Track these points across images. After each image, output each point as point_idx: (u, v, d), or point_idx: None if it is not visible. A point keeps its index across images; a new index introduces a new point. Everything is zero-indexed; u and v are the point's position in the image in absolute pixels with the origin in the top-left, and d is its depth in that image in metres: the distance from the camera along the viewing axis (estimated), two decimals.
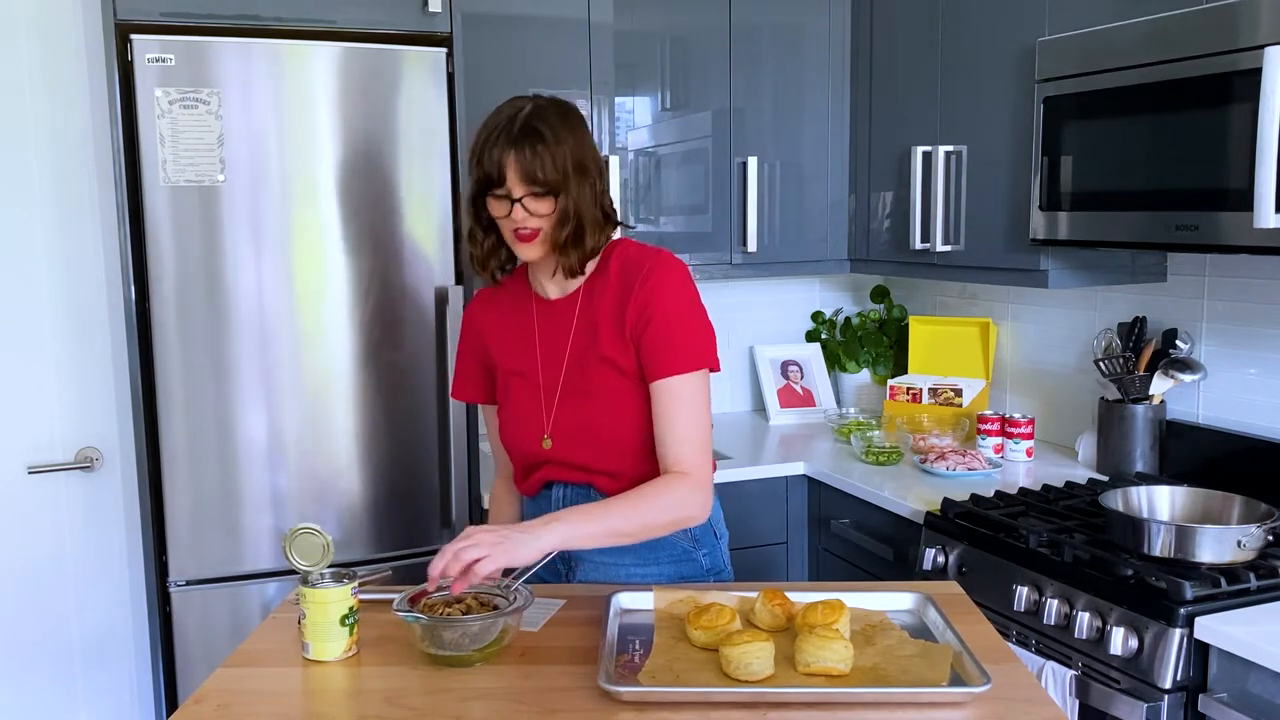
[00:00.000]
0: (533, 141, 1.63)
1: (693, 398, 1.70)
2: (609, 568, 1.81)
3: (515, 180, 1.64)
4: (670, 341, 1.70)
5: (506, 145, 1.64)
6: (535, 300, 1.82)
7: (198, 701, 1.39)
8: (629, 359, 1.73)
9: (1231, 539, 1.91)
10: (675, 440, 1.69)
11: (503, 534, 1.53)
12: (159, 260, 2.35)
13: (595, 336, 1.74)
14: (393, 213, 2.50)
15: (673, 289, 1.71)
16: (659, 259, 1.74)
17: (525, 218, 1.66)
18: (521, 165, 1.63)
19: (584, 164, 1.68)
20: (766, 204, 3.19)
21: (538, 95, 1.72)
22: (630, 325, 1.71)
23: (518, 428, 1.81)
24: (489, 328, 1.86)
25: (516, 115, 1.66)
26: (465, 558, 1.48)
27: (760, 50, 3.14)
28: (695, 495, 1.68)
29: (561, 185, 1.65)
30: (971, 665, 1.39)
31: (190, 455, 2.40)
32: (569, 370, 1.77)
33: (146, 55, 2.28)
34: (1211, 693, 1.79)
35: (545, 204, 1.66)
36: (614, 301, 1.74)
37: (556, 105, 1.70)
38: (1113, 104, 2.21)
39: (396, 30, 2.49)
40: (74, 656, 2.75)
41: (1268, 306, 2.39)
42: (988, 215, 2.71)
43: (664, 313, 1.70)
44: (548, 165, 1.63)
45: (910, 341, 3.34)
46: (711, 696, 1.36)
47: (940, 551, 2.32)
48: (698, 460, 1.70)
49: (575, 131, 1.69)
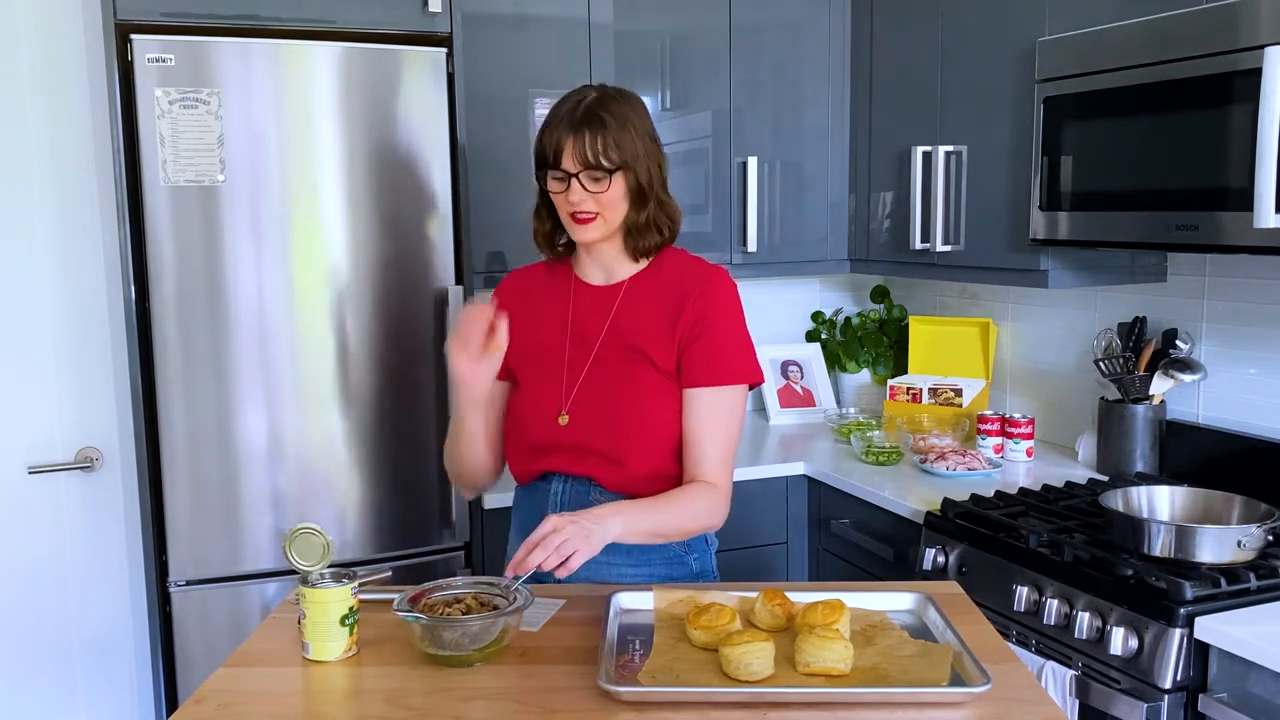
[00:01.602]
0: (595, 126, 1.69)
1: (732, 411, 1.77)
2: (602, 566, 1.80)
3: (571, 158, 1.69)
4: (722, 353, 1.75)
5: (568, 129, 1.70)
6: (575, 282, 1.85)
7: (198, 701, 1.39)
8: (667, 359, 1.76)
9: (1231, 539, 1.91)
10: (710, 450, 1.75)
11: (584, 526, 1.57)
12: (159, 260, 2.35)
13: (635, 328, 1.78)
14: (393, 213, 2.50)
15: (730, 304, 1.79)
16: (719, 272, 1.81)
17: (583, 198, 1.71)
18: (580, 146, 1.69)
19: (651, 148, 1.75)
20: (766, 204, 3.19)
21: (603, 85, 1.79)
22: (683, 330, 1.75)
23: (535, 402, 1.81)
24: (517, 303, 1.84)
25: (582, 100, 1.72)
26: (565, 551, 1.52)
27: (760, 50, 3.14)
28: (720, 508, 1.76)
29: (628, 164, 1.71)
30: (971, 665, 1.39)
31: (190, 455, 2.40)
32: (600, 353, 1.79)
33: (146, 55, 2.28)
34: (1211, 693, 1.79)
35: (603, 183, 1.70)
36: (666, 301, 1.78)
37: (622, 94, 1.77)
38: (1113, 104, 2.21)
39: (396, 30, 2.49)
40: (74, 656, 2.75)
41: (1268, 306, 2.39)
42: (988, 215, 2.71)
43: (721, 325, 1.76)
44: (610, 147, 1.69)
45: (910, 341, 3.34)
46: (711, 696, 1.35)
47: (940, 551, 2.32)
48: (726, 473, 1.77)
49: (639, 117, 1.75)
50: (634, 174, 1.72)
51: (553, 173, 1.72)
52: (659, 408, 1.76)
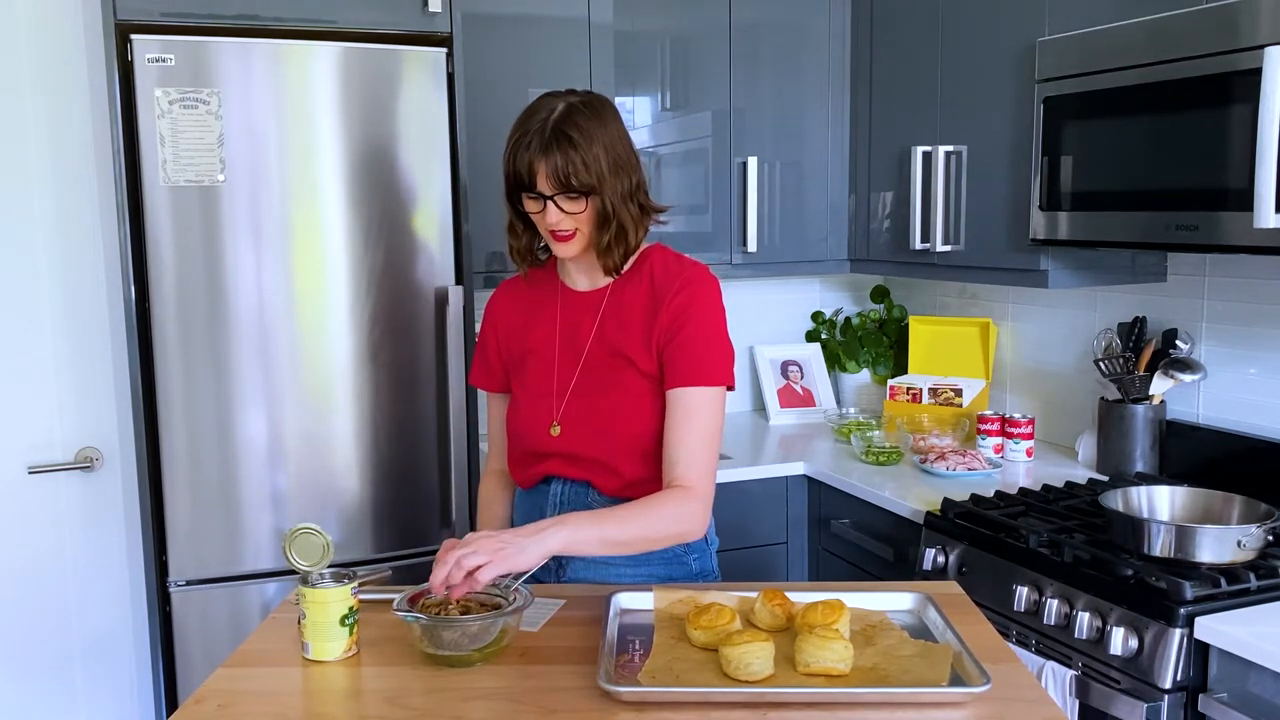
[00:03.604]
0: (564, 146, 1.64)
1: (709, 413, 1.72)
2: (600, 566, 1.81)
3: (546, 182, 1.66)
4: (696, 353, 1.71)
5: (538, 150, 1.65)
6: (561, 289, 1.84)
7: (198, 701, 1.39)
8: (649, 362, 1.74)
9: (1231, 539, 1.91)
10: (684, 453, 1.69)
11: (504, 539, 1.52)
12: (159, 260, 2.35)
13: (619, 333, 1.76)
14: (393, 213, 2.50)
15: (706, 304, 1.74)
16: (697, 271, 1.77)
17: (560, 219, 1.68)
18: (552, 169, 1.65)
19: (618, 162, 1.69)
20: (766, 204, 3.19)
21: (570, 91, 1.73)
22: (659, 332, 1.73)
23: (528, 413, 1.81)
24: (510, 315, 1.87)
25: (548, 118, 1.66)
26: (467, 564, 1.48)
27: (760, 50, 3.14)
28: (696, 513, 1.69)
29: (597, 187, 1.67)
30: (971, 665, 1.39)
31: (190, 455, 2.40)
32: (587, 362, 1.78)
33: (146, 55, 2.28)
34: (1211, 693, 1.79)
35: (579, 203, 1.68)
36: (645, 304, 1.76)
37: (588, 104, 1.70)
38: (1113, 104, 2.21)
39: (396, 30, 2.49)
40: (74, 656, 2.75)
41: (1268, 306, 2.39)
42: (988, 215, 2.71)
43: (695, 325, 1.72)
44: (579, 169, 1.65)
45: (910, 341, 3.34)
46: (711, 696, 1.35)
47: (940, 551, 2.32)
48: (703, 477, 1.70)
49: (608, 129, 1.69)
50: (600, 196, 1.68)
51: (528, 195, 1.69)
52: (647, 413, 1.74)
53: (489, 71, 2.78)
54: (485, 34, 2.77)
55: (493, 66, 2.79)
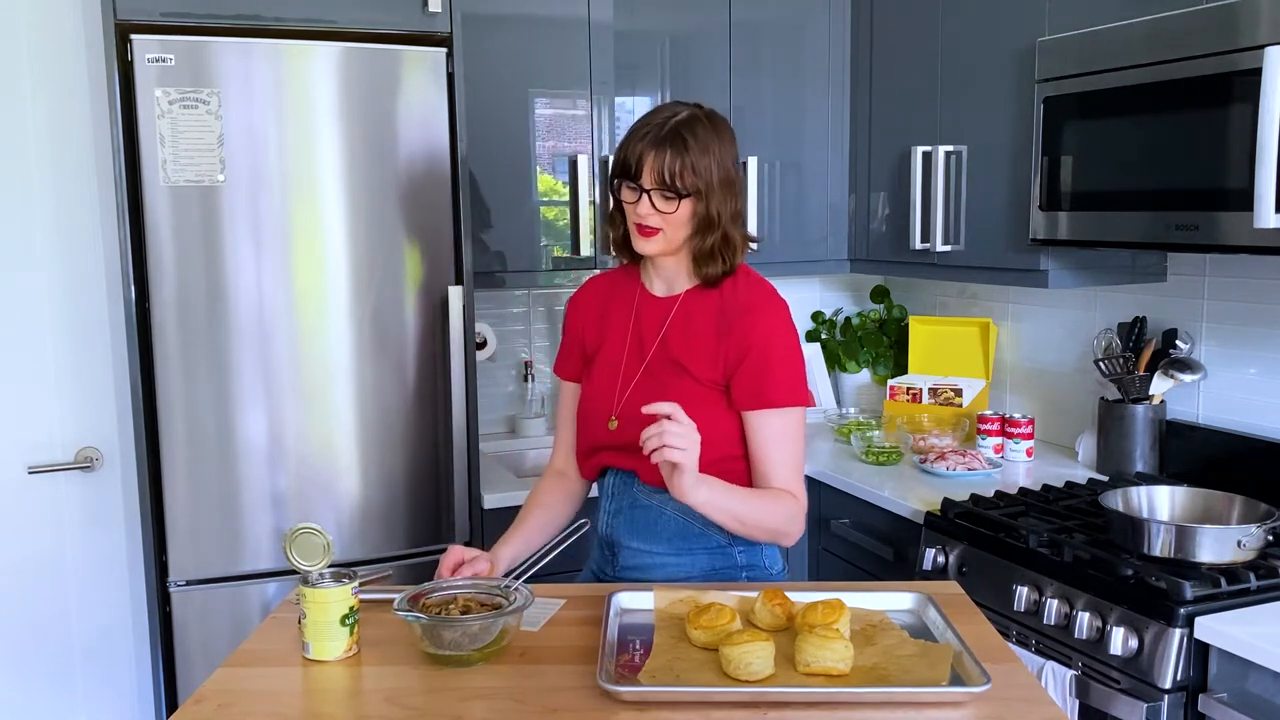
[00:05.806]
0: (677, 146, 1.70)
1: (797, 433, 1.80)
2: (643, 554, 1.85)
3: (649, 175, 1.72)
4: (774, 375, 1.76)
5: (651, 143, 1.71)
6: (640, 292, 1.89)
7: (198, 701, 1.39)
8: (709, 373, 1.78)
9: (1231, 539, 1.91)
10: (775, 468, 1.78)
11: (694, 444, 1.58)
12: (159, 260, 2.35)
13: (682, 344, 1.81)
14: (393, 213, 2.50)
15: (782, 326, 1.79)
16: (769, 293, 1.82)
17: (649, 213, 1.73)
18: (660, 165, 1.71)
19: (728, 179, 1.76)
20: (766, 204, 3.19)
21: (698, 105, 1.79)
22: (729, 353, 1.77)
23: (593, 406, 1.88)
24: (590, 311, 1.94)
25: (670, 118, 1.73)
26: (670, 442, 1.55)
27: (760, 50, 3.14)
28: (799, 519, 1.78)
29: (699, 194, 1.72)
30: (971, 665, 1.39)
31: (190, 455, 2.40)
32: (650, 364, 1.83)
33: (146, 55, 2.28)
34: (1211, 693, 1.79)
35: (673, 204, 1.72)
36: (714, 319, 1.80)
37: (711, 118, 1.77)
38: (1113, 104, 2.21)
39: (396, 30, 2.49)
40: (74, 656, 2.75)
41: (1268, 306, 2.39)
42: (988, 215, 2.71)
43: (767, 350, 1.76)
44: (685, 171, 1.71)
45: (910, 341, 3.34)
46: (711, 696, 1.36)
47: (940, 551, 2.32)
48: (802, 489, 1.80)
49: (725, 146, 1.76)
50: (704, 202, 1.73)
51: (627, 183, 1.75)
52: (698, 415, 1.73)
53: (489, 71, 2.78)
54: (485, 34, 2.77)
55: (493, 66, 2.79)
